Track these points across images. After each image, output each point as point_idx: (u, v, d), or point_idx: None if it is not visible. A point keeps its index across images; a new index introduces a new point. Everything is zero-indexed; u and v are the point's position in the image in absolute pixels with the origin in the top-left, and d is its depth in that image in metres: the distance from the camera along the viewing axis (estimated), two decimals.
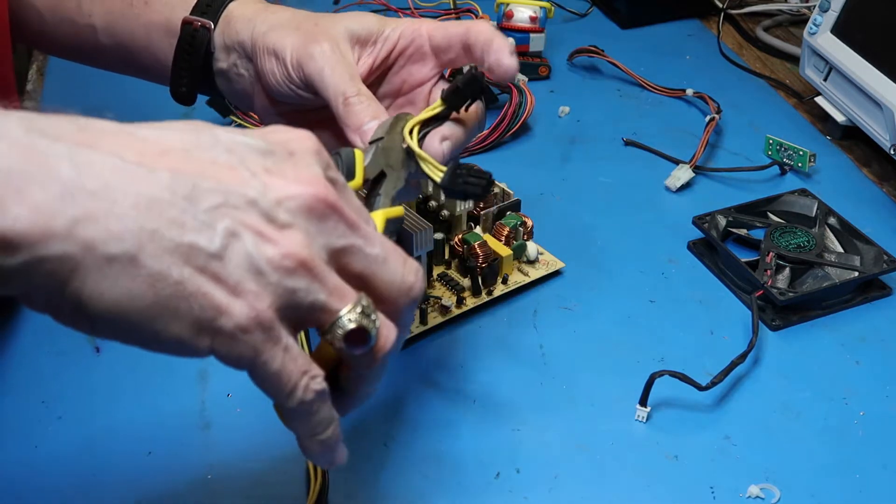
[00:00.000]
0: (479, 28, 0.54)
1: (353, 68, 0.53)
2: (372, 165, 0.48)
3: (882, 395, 0.60)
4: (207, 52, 0.59)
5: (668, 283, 0.69)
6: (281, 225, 0.34)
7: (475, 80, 0.50)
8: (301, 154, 0.37)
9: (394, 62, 0.57)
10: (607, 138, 0.86)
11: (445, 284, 0.65)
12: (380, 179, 0.48)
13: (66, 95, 0.90)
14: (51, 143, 0.31)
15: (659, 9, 1.08)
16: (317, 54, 0.53)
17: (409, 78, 0.57)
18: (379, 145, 0.49)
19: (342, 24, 0.55)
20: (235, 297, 0.33)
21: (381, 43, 0.55)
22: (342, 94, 0.52)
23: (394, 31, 0.55)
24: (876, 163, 0.84)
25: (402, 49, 0.56)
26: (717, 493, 0.53)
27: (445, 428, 0.57)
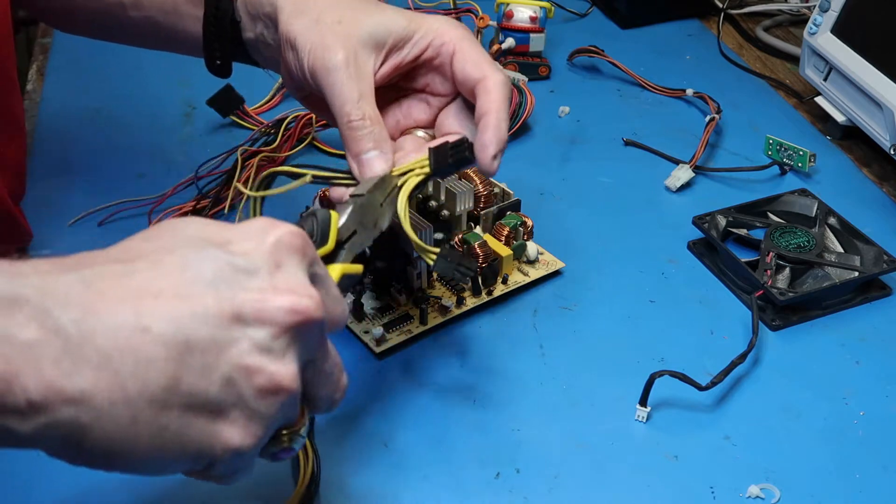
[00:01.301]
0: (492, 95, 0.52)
1: (364, 85, 0.52)
2: (346, 226, 0.47)
3: (882, 395, 0.60)
4: (234, 21, 0.58)
5: (668, 283, 0.69)
6: (275, 355, 0.36)
7: (466, 160, 0.51)
8: (287, 263, 0.38)
9: (421, 66, 0.55)
10: (607, 138, 0.86)
11: (445, 284, 0.65)
12: (349, 237, 0.47)
13: (67, 95, 0.90)
14: (61, 312, 0.33)
15: (659, 9, 1.08)
16: (329, 66, 0.51)
17: (431, 84, 0.56)
18: (358, 202, 0.48)
19: (366, 26, 0.52)
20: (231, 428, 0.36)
21: (408, 49, 0.54)
22: (346, 116, 0.51)
23: (423, 38, 0.53)
24: (876, 163, 0.84)
25: (429, 58, 0.54)
26: (717, 493, 0.53)
27: (445, 428, 0.56)
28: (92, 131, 0.84)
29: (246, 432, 0.36)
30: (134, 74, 0.93)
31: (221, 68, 0.61)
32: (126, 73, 0.93)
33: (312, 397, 0.41)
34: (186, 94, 0.89)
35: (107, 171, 0.79)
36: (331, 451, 0.54)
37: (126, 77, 0.93)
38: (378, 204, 0.50)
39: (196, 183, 0.74)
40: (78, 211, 0.72)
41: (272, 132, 0.79)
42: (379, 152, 0.51)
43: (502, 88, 0.52)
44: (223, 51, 0.60)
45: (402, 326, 0.62)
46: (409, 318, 0.62)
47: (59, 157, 0.80)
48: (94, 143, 0.83)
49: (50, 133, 0.83)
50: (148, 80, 0.92)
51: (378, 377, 0.60)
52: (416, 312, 0.62)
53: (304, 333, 0.37)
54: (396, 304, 0.63)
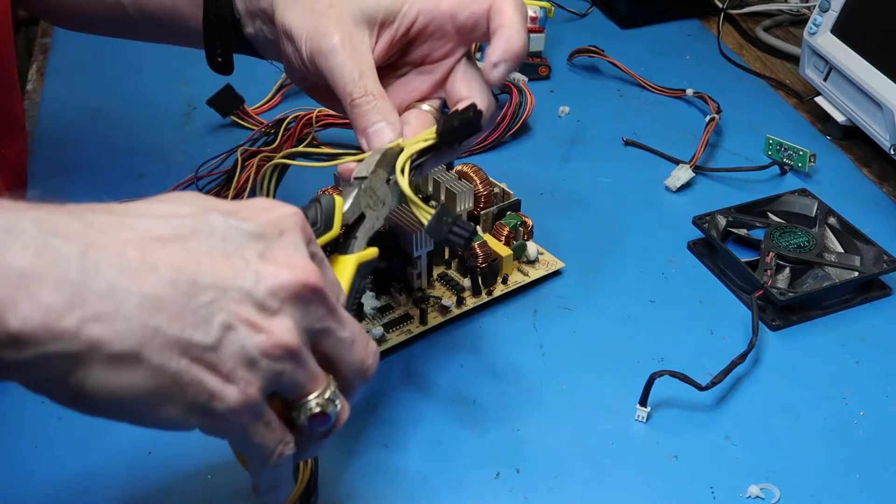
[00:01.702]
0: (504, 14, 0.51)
1: (363, 62, 0.52)
2: (352, 209, 0.47)
3: (882, 395, 0.60)
4: (234, 18, 0.58)
5: (668, 283, 0.69)
6: (272, 312, 0.36)
7: (471, 123, 0.50)
8: (289, 234, 0.39)
9: (415, 38, 0.55)
10: (607, 138, 0.86)
11: (445, 284, 0.65)
12: (357, 221, 0.47)
13: (67, 96, 0.90)
14: (62, 243, 0.33)
15: (659, 9, 1.08)
16: (326, 50, 0.51)
17: (431, 52, 0.55)
18: (362, 186, 0.48)
19: (357, 4, 0.53)
20: (228, 383, 0.35)
21: (398, 21, 0.53)
22: (349, 95, 0.51)
23: (411, 9, 0.53)
24: (876, 163, 0.84)
25: (421, 27, 0.54)
26: (717, 493, 0.53)
27: (445, 428, 0.57)
28: (92, 131, 0.84)
29: (240, 386, 0.36)
30: (134, 74, 0.93)
31: (223, 65, 0.62)
32: (126, 74, 0.93)
33: (340, 367, 0.41)
34: (186, 94, 0.89)
35: (107, 171, 0.79)
36: (330, 452, 0.54)
37: (126, 77, 0.93)
38: (384, 181, 0.49)
39: (196, 183, 0.74)
40: None
41: (272, 132, 0.79)
42: (385, 123, 0.51)
43: (515, 4, 0.51)
44: (224, 48, 0.60)
45: (402, 326, 0.62)
46: (409, 318, 0.62)
47: (59, 157, 0.80)
48: (94, 143, 0.83)
49: (50, 133, 0.83)
50: (148, 80, 0.92)
51: (378, 377, 0.59)
52: (416, 312, 0.62)
53: (304, 301, 0.37)
54: (396, 304, 0.63)
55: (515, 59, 0.51)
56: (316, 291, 0.38)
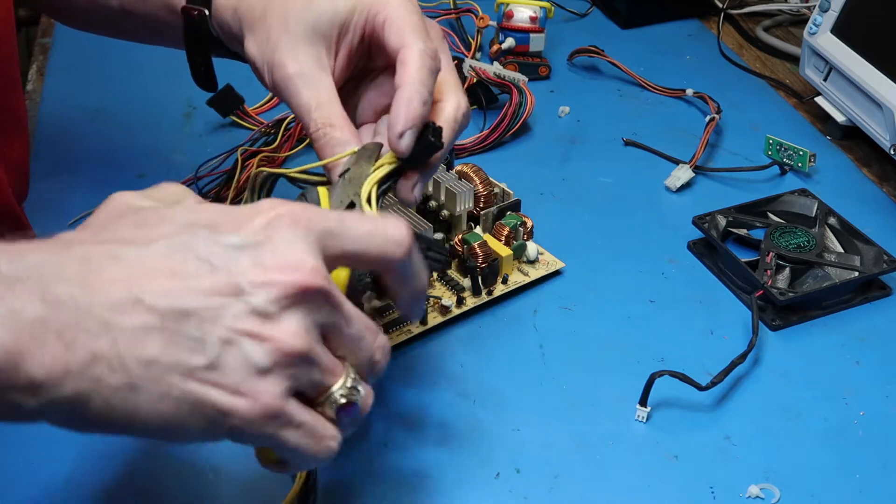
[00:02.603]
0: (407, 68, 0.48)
1: (321, 89, 0.50)
2: (338, 199, 0.47)
3: (882, 395, 0.60)
4: (212, 35, 0.58)
5: (668, 283, 0.69)
6: (273, 318, 0.36)
7: (432, 145, 0.48)
8: (280, 235, 0.37)
9: (370, 42, 0.53)
10: (607, 138, 0.86)
11: (445, 284, 0.65)
12: (348, 209, 0.47)
13: (67, 95, 0.90)
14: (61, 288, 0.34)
15: (659, 9, 1.08)
16: (282, 82, 0.50)
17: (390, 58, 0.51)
18: (345, 177, 0.48)
19: (309, 23, 0.51)
20: (237, 396, 0.36)
21: (351, 30, 0.51)
22: (307, 128, 0.51)
23: (360, 16, 0.51)
24: (876, 163, 0.84)
25: (370, 36, 0.52)
26: (717, 493, 0.53)
27: (445, 428, 0.56)
28: (92, 131, 0.84)
29: (252, 396, 0.36)
30: (134, 74, 0.93)
31: (207, 83, 0.62)
32: (126, 73, 0.93)
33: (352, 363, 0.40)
34: (186, 94, 0.89)
35: (107, 171, 0.79)
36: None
37: (126, 77, 0.93)
38: (368, 173, 0.48)
39: (196, 183, 0.74)
40: (78, 211, 0.72)
41: (272, 132, 0.79)
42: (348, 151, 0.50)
43: (420, 59, 0.48)
44: (207, 64, 0.61)
45: (402, 326, 0.62)
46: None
47: (59, 157, 0.80)
48: (94, 143, 0.83)
49: (50, 133, 0.83)
50: (148, 80, 0.92)
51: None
52: None
53: (305, 300, 0.37)
54: None
55: (418, 121, 0.47)
56: (315, 289, 0.37)
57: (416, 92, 0.47)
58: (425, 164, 0.50)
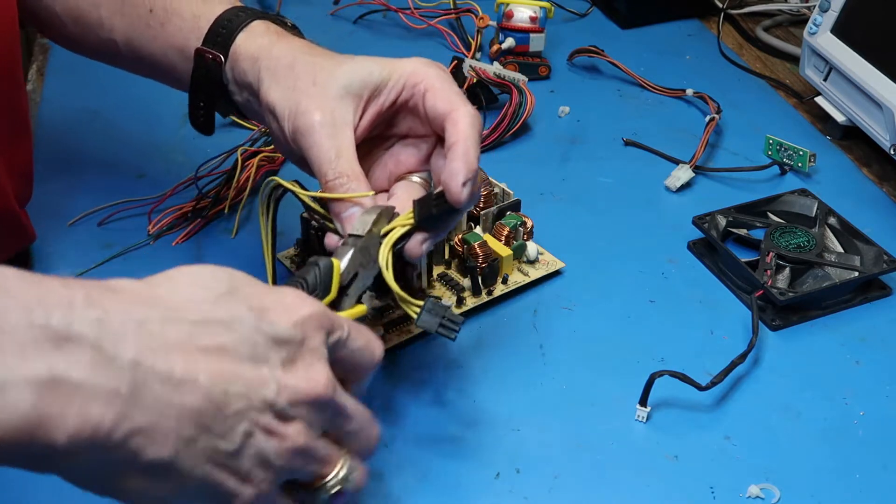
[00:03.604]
0: (459, 126, 0.51)
1: (342, 142, 0.52)
2: (348, 270, 0.48)
3: (882, 395, 0.60)
4: (222, 82, 0.58)
5: (668, 283, 0.69)
6: (287, 419, 0.39)
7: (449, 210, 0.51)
8: (311, 338, 0.41)
9: (400, 109, 0.55)
10: (607, 138, 0.86)
11: (445, 284, 0.65)
12: (353, 280, 0.49)
13: (67, 96, 0.90)
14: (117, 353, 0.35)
15: (659, 9, 1.08)
16: (305, 129, 0.52)
17: (413, 127, 0.56)
18: (357, 245, 0.49)
19: (341, 81, 0.52)
20: (245, 483, 0.39)
21: (385, 94, 0.53)
22: (324, 177, 0.52)
23: (398, 83, 0.53)
24: (876, 163, 0.84)
25: (405, 99, 0.54)
26: (717, 493, 0.53)
27: (445, 428, 0.57)
28: (92, 132, 0.84)
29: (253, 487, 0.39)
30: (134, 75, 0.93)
31: (204, 126, 0.62)
32: (126, 74, 0.93)
33: (350, 451, 0.44)
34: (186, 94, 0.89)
35: (107, 171, 0.79)
36: None
37: (126, 77, 0.92)
38: (378, 240, 0.50)
39: (196, 183, 0.74)
40: (78, 211, 0.72)
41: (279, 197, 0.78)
42: (358, 208, 0.51)
43: (471, 119, 0.52)
44: (209, 109, 0.61)
45: (402, 326, 0.62)
46: (409, 318, 0.62)
47: (59, 157, 0.80)
48: (95, 144, 0.83)
49: (50, 134, 0.83)
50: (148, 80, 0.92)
51: (378, 377, 0.60)
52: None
53: (316, 407, 0.40)
54: (396, 305, 0.63)
55: (475, 174, 0.51)
56: (328, 401, 0.41)
57: (473, 146, 0.51)
58: (439, 227, 0.52)
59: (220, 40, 0.57)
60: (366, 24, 1.05)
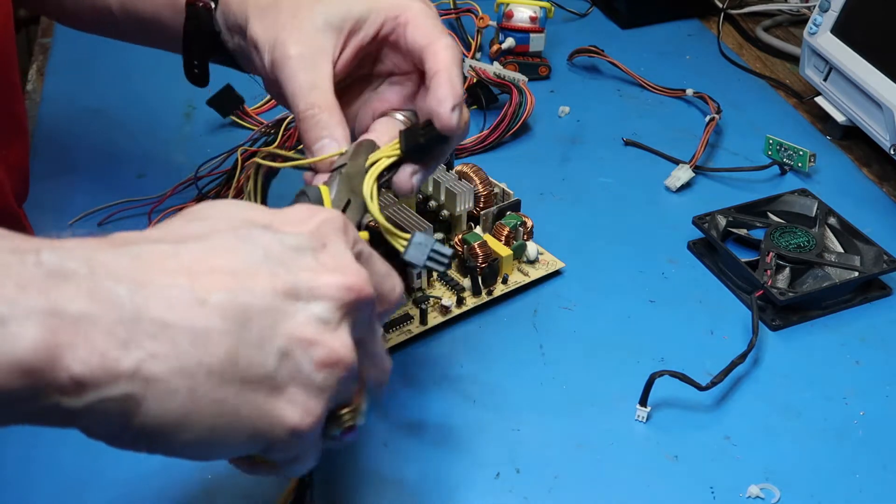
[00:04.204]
0: (439, 56, 0.50)
1: (319, 74, 0.51)
2: (339, 196, 0.47)
3: (882, 395, 0.60)
4: (214, 31, 0.58)
5: (668, 283, 0.69)
6: (329, 325, 0.36)
7: (437, 138, 0.49)
8: (333, 241, 0.38)
9: (382, 46, 0.54)
10: (607, 138, 0.86)
11: (445, 284, 0.65)
12: (345, 208, 0.47)
13: (67, 96, 0.90)
14: (113, 283, 0.33)
15: (659, 9, 1.08)
16: (282, 61, 0.51)
17: (398, 63, 0.55)
18: (342, 172, 0.48)
19: (321, 14, 0.52)
20: (289, 406, 0.35)
21: (365, 28, 0.53)
22: (297, 109, 0.51)
23: (377, 16, 0.52)
24: (876, 163, 0.84)
25: (384, 37, 0.53)
26: (717, 493, 0.53)
27: (445, 428, 0.56)
28: (92, 132, 0.84)
29: (304, 409, 0.36)
30: (134, 74, 0.93)
31: (199, 77, 0.62)
32: (126, 74, 0.93)
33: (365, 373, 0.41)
34: (186, 94, 0.88)
35: (107, 171, 0.79)
36: (329, 451, 0.54)
37: (126, 77, 0.93)
38: (364, 170, 0.49)
39: (196, 183, 0.74)
40: (78, 211, 0.72)
41: (272, 132, 0.78)
42: (329, 140, 0.50)
43: (451, 51, 0.51)
44: (202, 60, 0.60)
45: (402, 326, 0.62)
46: (409, 318, 0.62)
47: (59, 157, 0.80)
48: (95, 144, 0.83)
49: (50, 133, 0.83)
50: (148, 80, 0.92)
51: None
52: (416, 312, 0.62)
53: (356, 310, 0.37)
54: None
55: (462, 99, 0.50)
56: (367, 298, 0.37)
57: (456, 75, 0.50)
58: (428, 159, 0.51)
59: None
60: None
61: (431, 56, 0.51)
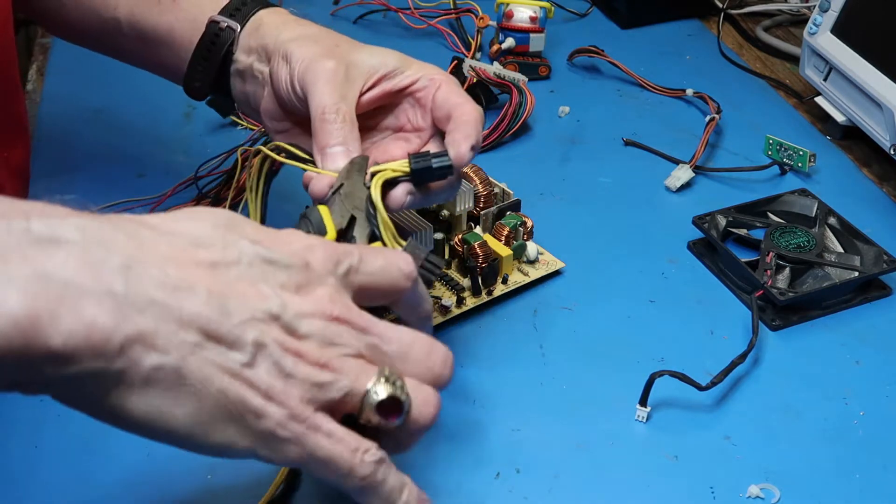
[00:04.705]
0: (466, 110, 0.53)
1: (347, 90, 0.53)
2: (340, 214, 0.48)
3: (882, 395, 0.60)
4: (228, 52, 0.59)
5: (668, 283, 0.69)
6: (300, 336, 0.37)
7: (447, 169, 0.51)
8: (315, 266, 0.39)
9: (403, 99, 0.57)
10: (607, 138, 0.86)
11: (445, 284, 0.65)
12: (350, 224, 0.48)
13: (67, 96, 0.90)
14: (106, 254, 0.33)
15: (659, 9, 1.08)
16: (318, 68, 0.53)
17: (413, 119, 0.57)
18: (341, 192, 0.49)
19: (362, 54, 0.55)
20: (269, 400, 0.36)
21: (398, 78, 0.56)
22: (321, 108, 0.52)
23: (414, 74, 0.56)
24: (876, 163, 0.84)
25: (413, 91, 0.56)
26: (717, 493, 0.53)
27: (445, 428, 0.56)
28: (92, 131, 0.84)
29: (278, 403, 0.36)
30: (134, 74, 0.92)
31: (198, 91, 0.63)
32: (126, 73, 0.93)
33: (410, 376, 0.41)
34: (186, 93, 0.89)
35: (107, 170, 0.79)
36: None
37: (126, 77, 0.92)
38: (363, 187, 0.50)
39: (196, 183, 0.74)
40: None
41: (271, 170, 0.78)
42: (344, 148, 0.52)
43: (479, 113, 0.54)
44: (205, 77, 0.61)
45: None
46: None
47: (58, 157, 0.80)
48: (95, 144, 0.83)
49: (50, 133, 0.83)
50: (148, 80, 0.91)
51: None
52: None
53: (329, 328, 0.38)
54: None
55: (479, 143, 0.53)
56: (340, 319, 0.39)
57: (479, 131, 0.53)
58: (427, 186, 0.52)
59: (239, 13, 0.59)
60: (366, 24, 1.05)
61: (462, 111, 0.53)
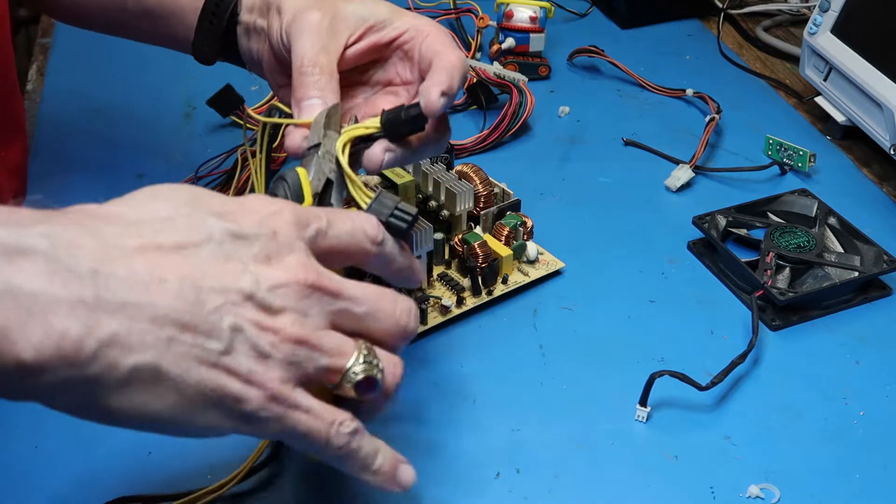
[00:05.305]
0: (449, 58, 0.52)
1: (331, 43, 0.53)
2: (317, 177, 0.47)
3: (882, 395, 0.60)
4: (233, 13, 0.59)
5: (668, 283, 0.69)
6: (275, 311, 0.37)
7: (418, 119, 0.50)
8: (283, 233, 0.39)
9: (392, 53, 0.56)
10: (607, 138, 0.86)
11: (445, 284, 0.65)
12: (327, 187, 0.47)
13: (66, 96, 0.90)
14: (75, 262, 0.33)
15: (659, 9, 1.08)
16: (303, 20, 0.53)
17: (401, 72, 0.57)
18: (318, 153, 0.48)
19: (352, 4, 0.55)
20: (249, 385, 0.36)
21: (387, 30, 0.55)
22: (300, 60, 0.52)
23: (402, 25, 0.55)
24: (876, 163, 0.84)
25: (401, 44, 0.55)
26: (717, 493, 0.53)
27: (445, 428, 0.56)
28: (92, 131, 0.84)
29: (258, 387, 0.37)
30: (134, 74, 0.93)
31: (208, 55, 0.63)
32: (126, 73, 0.93)
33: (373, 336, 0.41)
34: (186, 93, 0.89)
35: (107, 170, 0.79)
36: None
37: (126, 77, 0.93)
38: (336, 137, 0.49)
39: (196, 183, 0.74)
40: None
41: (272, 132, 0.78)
42: (321, 101, 0.51)
43: (460, 60, 0.52)
44: (213, 40, 0.61)
45: None
46: None
47: (58, 157, 0.80)
48: (94, 144, 0.83)
49: (50, 133, 0.83)
50: (148, 79, 0.92)
51: None
52: None
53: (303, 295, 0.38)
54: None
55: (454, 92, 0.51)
56: (313, 285, 0.38)
57: (457, 76, 0.51)
58: (404, 140, 0.51)
59: None
60: None
61: (441, 58, 0.52)
